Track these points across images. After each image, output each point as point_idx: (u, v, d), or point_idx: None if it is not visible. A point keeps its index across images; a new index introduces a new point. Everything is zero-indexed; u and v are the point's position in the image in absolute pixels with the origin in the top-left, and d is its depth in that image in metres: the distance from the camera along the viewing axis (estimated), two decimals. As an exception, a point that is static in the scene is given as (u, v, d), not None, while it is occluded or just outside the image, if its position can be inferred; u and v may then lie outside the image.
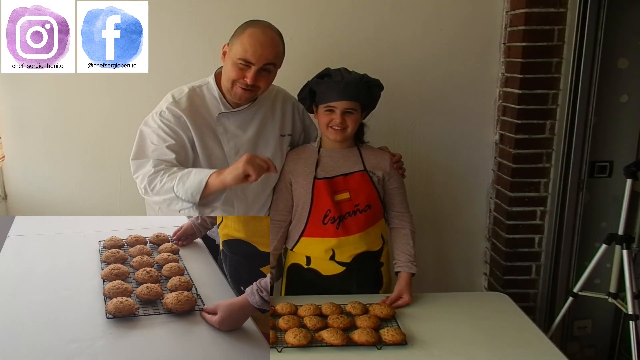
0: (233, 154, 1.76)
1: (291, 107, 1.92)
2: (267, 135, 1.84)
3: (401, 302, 1.76)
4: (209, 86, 1.77)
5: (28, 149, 2.31)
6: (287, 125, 1.90)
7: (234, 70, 1.67)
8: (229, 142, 1.77)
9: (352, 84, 1.76)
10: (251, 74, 1.66)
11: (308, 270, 1.88)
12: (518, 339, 1.59)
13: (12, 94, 2.24)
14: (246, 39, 1.64)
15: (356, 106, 1.78)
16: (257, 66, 1.65)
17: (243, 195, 1.83)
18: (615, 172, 2.36)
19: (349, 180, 1.83)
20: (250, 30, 1.65)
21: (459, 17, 2.30)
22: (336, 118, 1.77)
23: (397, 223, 1.91)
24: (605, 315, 2.53)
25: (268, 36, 1.66)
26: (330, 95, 1.77)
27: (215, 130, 1.75)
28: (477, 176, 2.51)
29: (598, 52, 2.19)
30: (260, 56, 1.65)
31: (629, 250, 2.01)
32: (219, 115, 1.75)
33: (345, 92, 1.76)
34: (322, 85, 1.79)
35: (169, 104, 1.70)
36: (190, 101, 1.72)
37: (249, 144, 1.80)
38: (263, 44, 1.65)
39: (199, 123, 1.72)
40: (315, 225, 1.82)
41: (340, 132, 1.79)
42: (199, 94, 1.76)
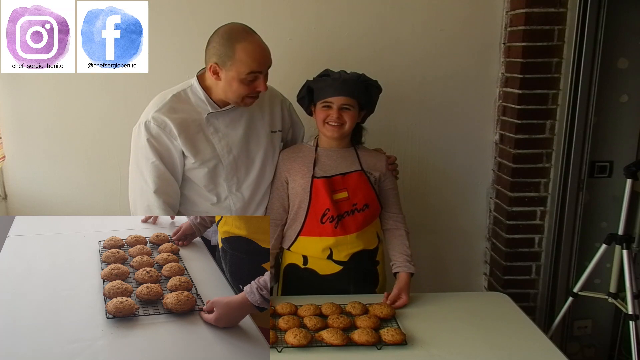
0: (226, 153, 1.78)
1: (279, 102, 1.93)
2: (258, 132, 1.85)
3: (400, 302, 1.76)
4: (194, 88, 1.77)
5: (28, 149, 2.31)
6: (277, 121, 1.91)
7: (243, 86, 1.68)
8: (220, 141, 1.78)
9: (350, 81, 1.78)
10: (262, 82, 1.69)
11: (305, 270, 1.88)
12: (518, 339, 1.59)
13: (12, 94, 2.24)
14: (245, 56, 1.64)
15: (353, 102, 1.79)
16: (264, 72, 1.69)
17: (239, 194, 1.84)
18: (615, 172, 2.36)
19: (347, 179, 1.83)
20: (241, 47, 1.64)
21: (459, 17, 2.31)
22: (333, 113, 1.78)
23: (392, 224, 1.92)
24: (605, 315, 2.53)
25: (258, 41, 1.67)
26: (327, 91, 1.79)
27: (205, 131, 1.76)
28: (477, 176, 2.51)
29: (598, 52, 2.19)
30: (266, 62, 1.69)
31: (629, 250, 2.01)
32: (209, 115, 1.76)
33: (342, 88, 1.77)
34: (320, 82, 1.81)
35: (154, 113, 1.71)
36: (174, 107, 1.73)
37: (241, 141, 1.81)
38: (262, 53, 1.67)
39: (186, 126, 1.72)
40: (313, 224, 1.82)
41: (337, 128, 1.80)
42: (183, 97, 1.76)
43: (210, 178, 1.79)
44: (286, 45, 2.19)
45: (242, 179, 1.84)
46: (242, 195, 1.85)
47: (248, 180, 1.85)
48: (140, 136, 1.71)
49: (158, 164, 1.71)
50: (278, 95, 1.94)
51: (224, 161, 1.78)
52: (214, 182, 1.80)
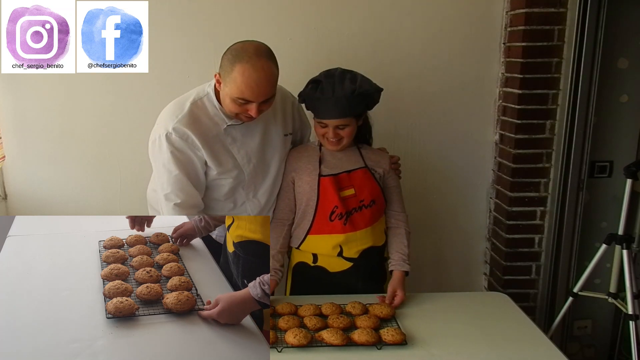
0: (246, 162, 1.77)
1: (290, 104, 1.91)
2: (273, 138, 1.83)
3: (397, 299, 1.76)
4: (209, 97, 1.72)
5: (28, 149, 2.31)
6: (289, 124, 1.90)
7: (234, 106, 1.62)
8: (239, 151, 1.76)
9: (343, 99, 1.72)
10: (254, 109, 1.61)
11: (314, 268, 1.88)
12: (518, 339, 1.59)
13: (12, 94, 2.24)
14: (239, 79, 1.56)
15: (349, 121, 1.77)
16: (257, 102, 1.61)
17: (256, 200, 1.84)
18: (615, 172, 2.36)
19: (352, 176, 1.83)
20: (240, 68, 1.55)
21: (459, 17, 2.30)
22: (329, 132, 1.77)
23: (393, 222, 1.92)
24: (605, 315, 2.53)
25: (261, 73, 1.57)
26: (321, 112, 1.77)
27: (224, 141, 1.73)
28: (477, 176, 2.51)
29: (598, 52, 2.19)
30: (259, 94, 1.59)
31: (629, 250, 2.01)
32: (227, 127, 1.72)
33: (336, 108, 1.73)
34: (314, 100, 1.77)
35: (175, 124, 1.66)
36: (194, 117, 1.68)
37: (258, 149, 1.79)
38: (258, 83, 1.57)
39: (207, 137, 1.69)
40: (323, 222, 1.83)
41: (335, 143, 1.80)
42: (200, 106, 1.71)
43: (232, 187, 1.79)
44: (286, 45, 2.19)
45: (259, 186, 1.83)
46: (258, 202, 1.84)
47: (264, 186, 1.84)
48: (162, 148, 1.67)
49: (181, 176, 1.68)
50: (289, 96, 1.91)
51: (245, 170, 1.77)
52: (232, 190, 1.80)
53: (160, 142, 1.67)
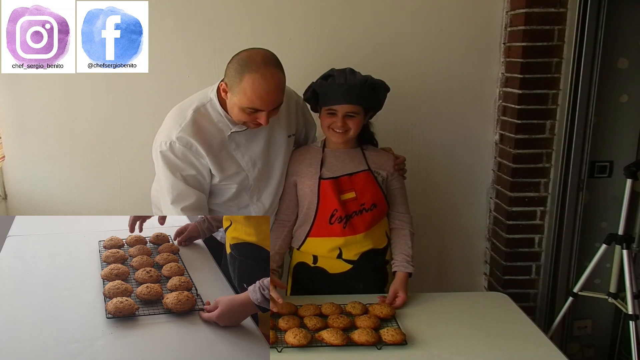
0: (251, 167, 1.77)
1: (294, 103, 1.90)
2: (277, 141, 1.83)
3: (399, 301, 1.76)
4: (213, 104, 1.70)
5: (28, 149, 2.31)
6: (292, 125, 1.89)
7: (244, 115, 1.62)
8: (243, 156, 1.75)
9: (355, 87, 1.74)
10: (263, 118, 1.61)
11: (314, 268, 1.88)
12: (518, 339, 1.59)
13: (12, 94, 2.24)
14: (249, 89, 1.55)
15: (358, 109, 1.77)
16: (266, 111, 1.61)
17: (260, 203, 1.84)
18: (615, 172, 2.36)
19: (354, 179, 1.83)
20: (249, 78, 1.55)
21: (459, 17, 2.30)
22: (337, 121, 1.77)
23: (398, 224, 1.92)
24: (605, 315, 2.53)
25: (270, 82, 1.57)
26: (332, 98, 1.76)
27: (228, 147, 1.72)
28: (477, 176, 2.51)
29: (598, 52, 2.19)
30: (269, 103, 1.60)
31: (629, 250, 2.01)
32: (232, 133, 1.71)
33: (347, 95, 1.74)
34: (325, 87, 1.77)
35: (179, 133, 1.65)
36: (197, 125, 1.67)
37: (262, 153, 1.79)
38: (268, 92, 1.57)
39: (211, 145, 1.69)
40: (322, 225, 1.83)
41: (342, 134, 1.79)
42: (203, 113, 1.69)
43: (236, 192, 1.79)
44: (286, 45, 2.19)
45: (263, 189, 1.83)
46: (262, 205, 1.84)
47: (268, 190, 1.84)
48: (165, 156, 1.67)
49: (185, 185, 1.68)
50: (293, 95, 1.90)
51: (250, 175, 1.77)
52: (237, 195, 1.80)
53: (164, 151, 1.67)
